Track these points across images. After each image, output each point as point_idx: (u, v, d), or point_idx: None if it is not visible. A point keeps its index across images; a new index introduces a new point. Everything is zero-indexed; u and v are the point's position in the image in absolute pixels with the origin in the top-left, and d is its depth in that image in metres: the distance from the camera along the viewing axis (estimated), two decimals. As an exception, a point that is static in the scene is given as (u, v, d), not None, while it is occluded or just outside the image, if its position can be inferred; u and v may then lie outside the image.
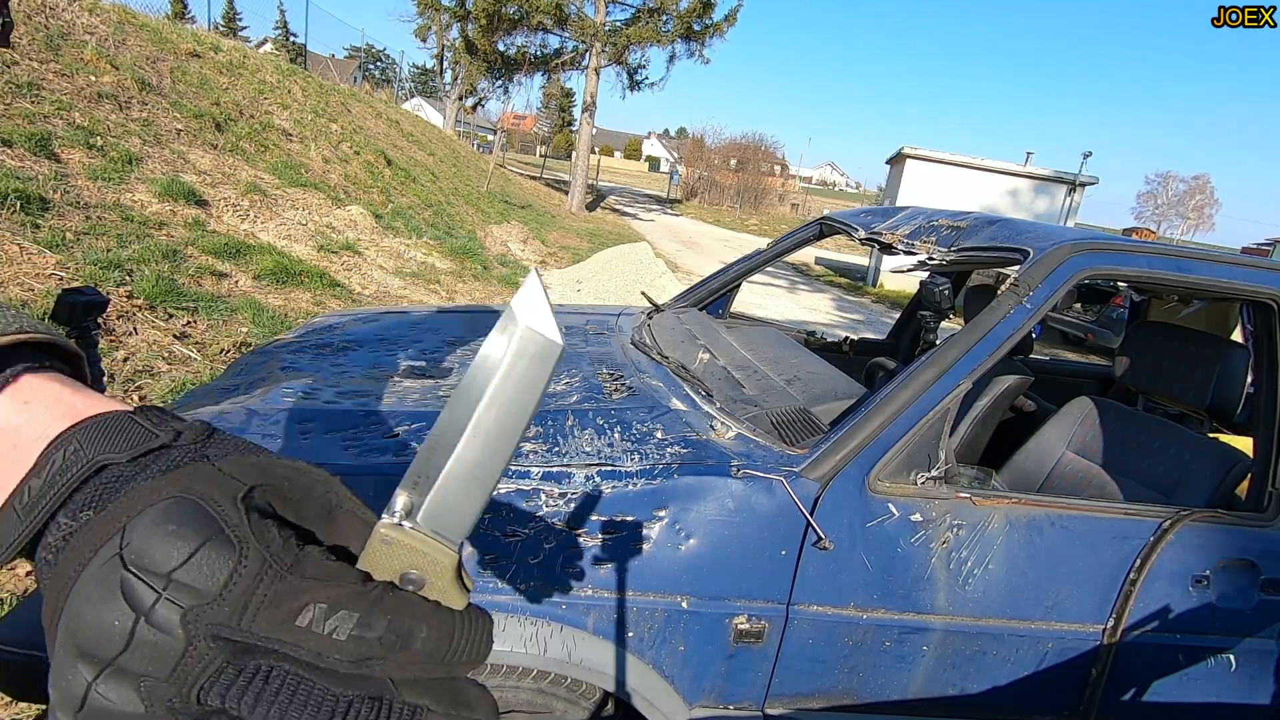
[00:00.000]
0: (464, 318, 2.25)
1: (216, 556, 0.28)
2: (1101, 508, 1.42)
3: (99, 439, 0.31)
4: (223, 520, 0.29)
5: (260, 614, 0.27)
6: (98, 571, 0.27)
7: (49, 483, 0.30)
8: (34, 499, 0.30)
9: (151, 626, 0.27)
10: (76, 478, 0.30)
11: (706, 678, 1.28)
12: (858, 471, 1.29)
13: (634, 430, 1.40)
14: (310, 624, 0.28)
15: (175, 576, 0.27)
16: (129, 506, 0.29)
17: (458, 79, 20.07)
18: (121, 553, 0.27)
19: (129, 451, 0.31)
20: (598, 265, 8.73)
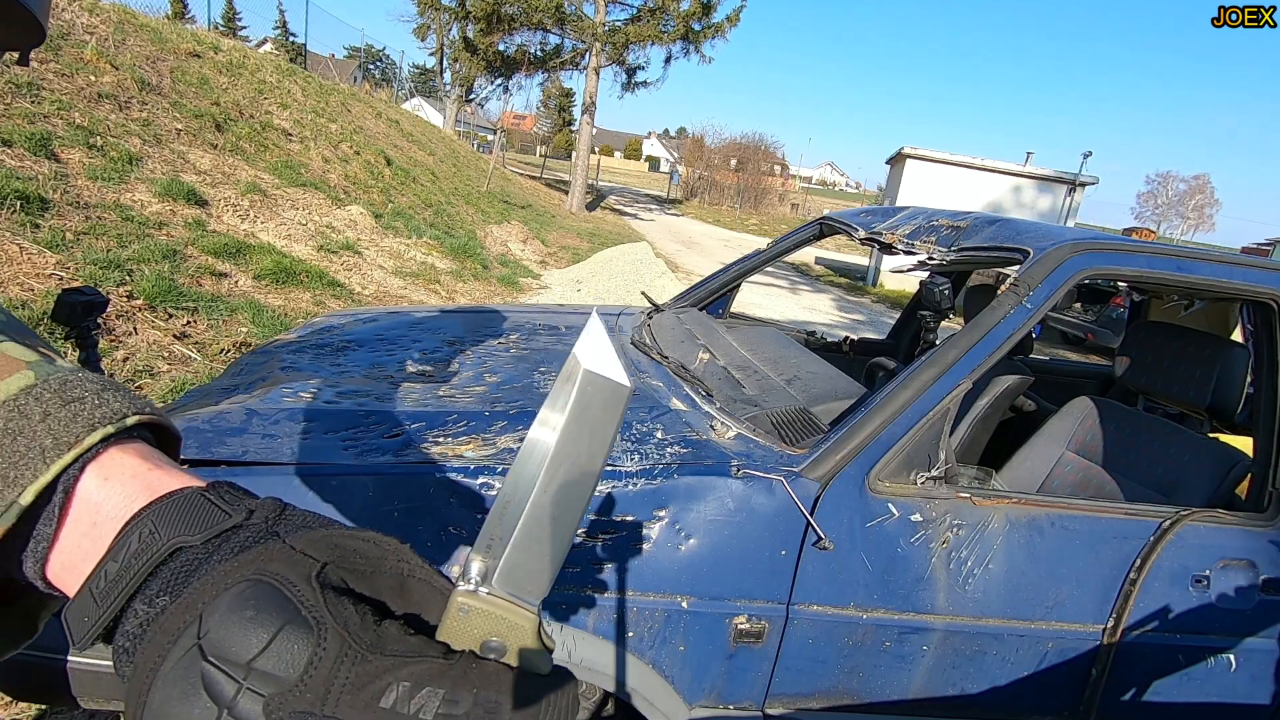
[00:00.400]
0: (464, 318, 2.25)
1: (295, 641, 0.27)
2: (1101, 508, 1.42)
3: (174, 520, 0.31)
4: (299, 602, 0.28)
5: (344, 698, 0.27)
6: (177, 665, 0.27)
7: (125, 567, 0.30)
8: (110, 584, 0.30)
9: (235, 719, 0.26)
10: (151, 562, 0.30)
11: (706, 678, 1.28)
12: (858, 471, 1.29)
13: (634, 430, 1.40)
14: (395, 704, 0.27)
15: (255, 665, 0.27)
16: (204, 592, 0.29)
17: (458, 79, 20.06)
18: (200, 643, 0.27)
19: (203, 533, 0.31)
20: (598, 265, 8.73)
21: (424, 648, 0.29)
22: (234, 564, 0.29)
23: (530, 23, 16.91)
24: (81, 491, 0.32)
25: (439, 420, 1.40)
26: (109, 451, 0.33)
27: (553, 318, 2.32)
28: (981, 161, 13.13)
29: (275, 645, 0.27)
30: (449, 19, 18.74)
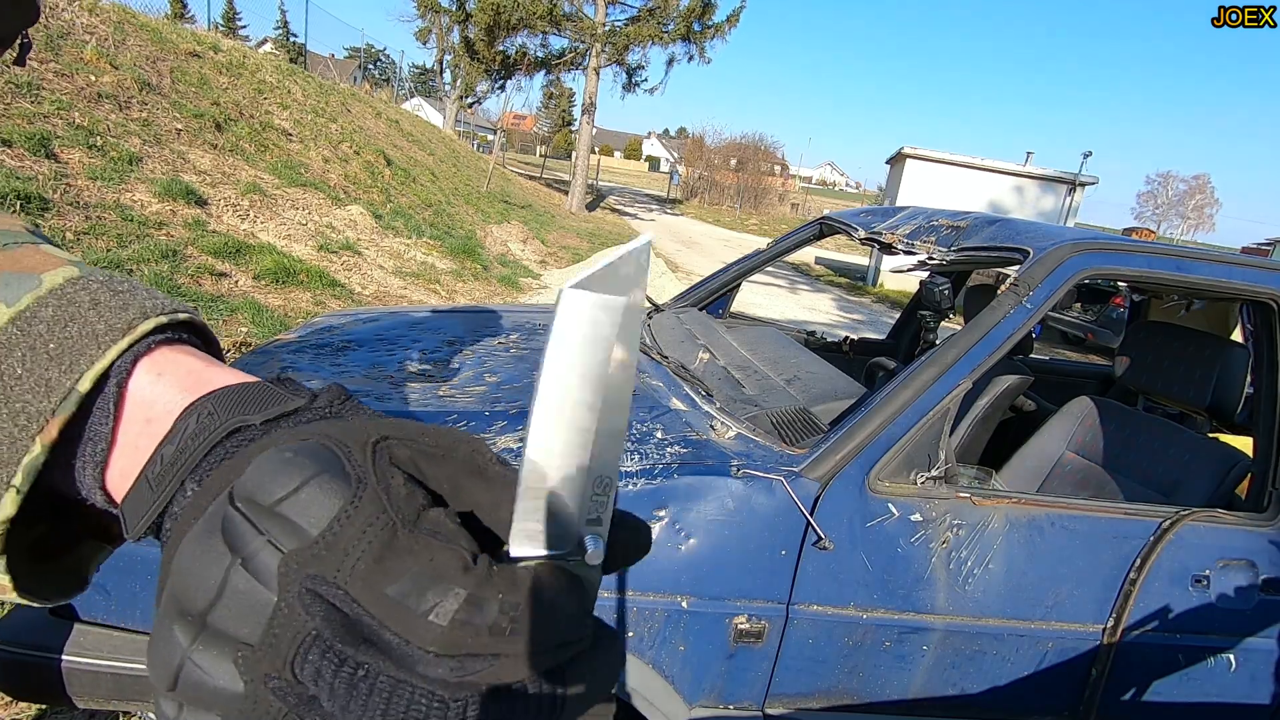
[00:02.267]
0: (464, 317, 2.25)
1: (329, 491, 0.23)
2: (1101, 508, 1.42)
3: (233, 404, 0.29)
4: (345, 457, 0.25)
5: (357, 568, 0.22)
6: (206, 518, 0.24)
7: (181, 449, 0.28)
8: (166, 467, 0.28)
9: (247, 573, 0.23)
10: (208, 441, 0.28)
11: (707, 678, 1.28)
12: (858, 471, 1.29)
13: (634, 430, 1.40)
14: (403, 597, 0.22)
15: (279, 510, 0.23)
16: (253, 453, 0.26)
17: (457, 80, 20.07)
18: (232, 489, 0.24)
19: (262, 414, 0.29)
20: (598, 265, 8.71)
21: (460, 537, 0.24)
22: (290, 434, 0.27)
23: (532, 25, 16.91)
24: (134, 387, 0.30)
25: (439, 420, 1.40)
26: (160, 349, 0.31)
27: (553, 318, 2.32)
28: (981, 161, 13.14)
29: (305, 491, 0.23)
30: (449, 21, 18.74)
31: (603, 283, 0.24)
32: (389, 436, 0.26)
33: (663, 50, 17.50)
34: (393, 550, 0.23)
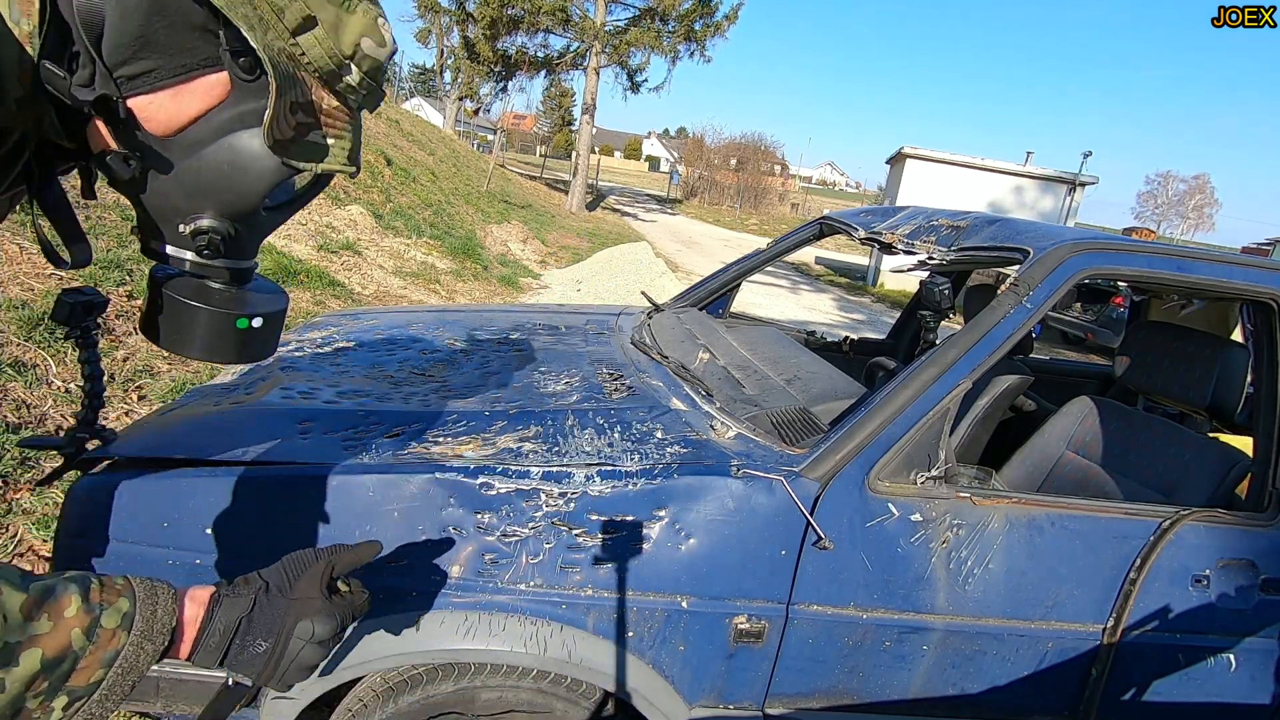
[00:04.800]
0: (464, 317, 2.25)
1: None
2: (1101, 507, 1.42)
3: (227, 609, 0.72)
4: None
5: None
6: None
7: (222, 638, 0.71)
8: (217, 644, 0.71)
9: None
10: (230, 631, 0.72)
11: (706, 677, 1.28)
12: (858, 471, 1.29)
13: (634, 430, 1.40)
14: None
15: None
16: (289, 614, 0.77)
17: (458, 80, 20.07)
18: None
19: (244, 611, 0.74)
20: (598, 265, 8.73)
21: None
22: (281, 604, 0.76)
23: (533, 25, 16.91)
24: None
25: (439, 420, 1.40)
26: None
27: (553, 318, 2.32)
28: (981, 161, 13.14)
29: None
30: (449, 21, 18.74)
31: None
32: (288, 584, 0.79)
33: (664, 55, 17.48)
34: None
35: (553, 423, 1.41)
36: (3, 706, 0.53)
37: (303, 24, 0.62)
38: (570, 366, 1.76)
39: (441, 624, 1.18)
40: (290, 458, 1.22)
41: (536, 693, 1.26)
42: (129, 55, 0.59)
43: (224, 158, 0.66)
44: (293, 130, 0.66)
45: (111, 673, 0.60)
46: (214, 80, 0.64)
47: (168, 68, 0.61)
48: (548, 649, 1.20)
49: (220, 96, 0.65)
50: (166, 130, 0.64)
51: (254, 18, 0.60)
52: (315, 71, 0.65)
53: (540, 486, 1.22)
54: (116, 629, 0.61)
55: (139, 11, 0.58)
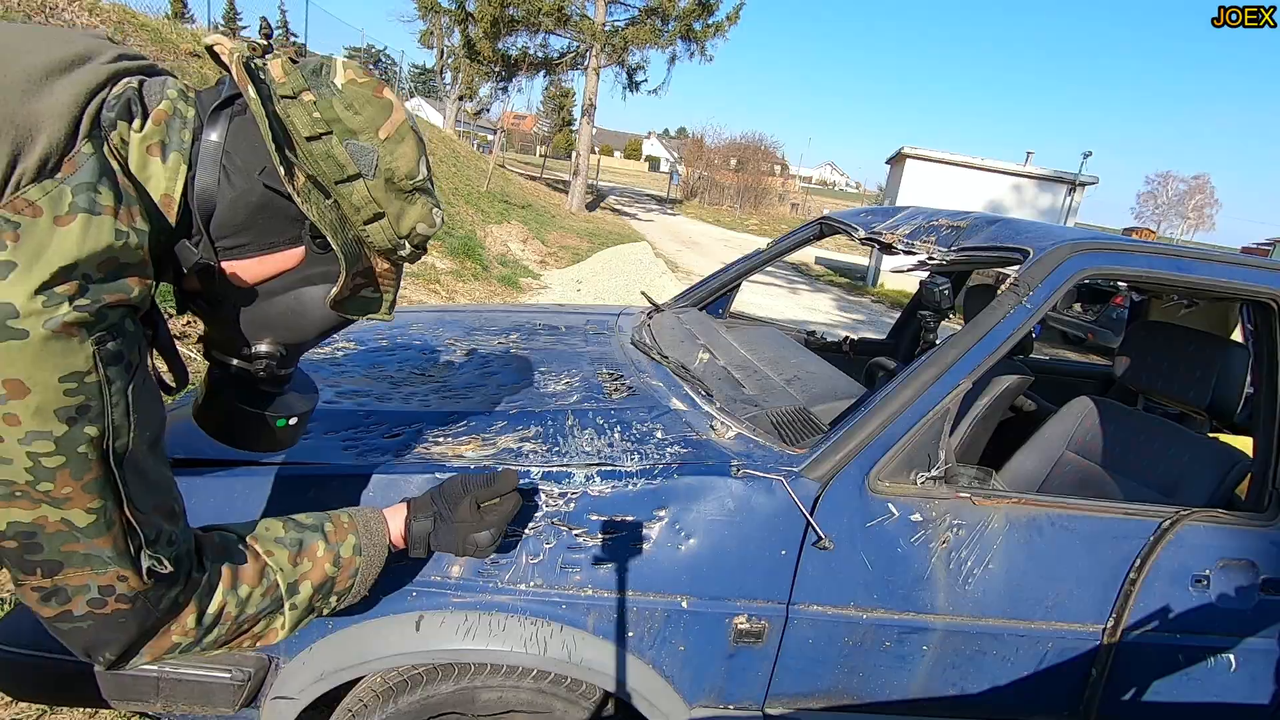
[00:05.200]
0: (464, 317, 2.25)
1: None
2: (1101, 508, 1.42)
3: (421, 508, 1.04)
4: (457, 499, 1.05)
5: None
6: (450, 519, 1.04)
7: (419, 533, 1.02)
8: (418, 536, 1.02)
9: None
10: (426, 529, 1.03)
11: (706, 678, 1.28)
12: (858, 471, 1.29)
13: (634, 430, 1.40)
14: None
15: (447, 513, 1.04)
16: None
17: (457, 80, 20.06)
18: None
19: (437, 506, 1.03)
20: (598, 265, 8.73)
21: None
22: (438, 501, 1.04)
23: (533, 25, 16.90)
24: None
25: (439, 420, 1.40)
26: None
27: (553, 318, 2.32)
28: (981, 161, 13.13)
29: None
30: (450, 22, 18.73)
31: None
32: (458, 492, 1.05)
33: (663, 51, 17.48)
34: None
35: (553, 423, 1.41)
36: (302, 610, 0.88)
37: (373, 218, 0.81)
38: (570, 366, 1.76)
39: (441, 624, 1.18)
40: (290, 458, 1.22)
41: (536, 693, 1.26)
42: (230, 233, 0.76)
43: (290, 306, 0.84)
44: (350, 292, 0.84)
45: (357, 580, 0.93)
46: (294, 253, 0.81)
47: (259, 243, 0.78)
48: (548, 649, 1.20)
49: (296, 263, 0.82)
50: (246, 285, 0.81)
51: (337, 221, 0.78)
52: (376, 249, 0.83)
53: (540, 486, 1.22)
54: (352, 556, 0.92)
55: (245, 208, 0.76)
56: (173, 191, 0.72)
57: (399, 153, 0.80)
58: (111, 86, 0.69)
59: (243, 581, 0.81)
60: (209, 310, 0.83)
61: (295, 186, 0.74)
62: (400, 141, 0.81)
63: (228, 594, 0.80)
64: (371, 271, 0.85)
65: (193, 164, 0.73)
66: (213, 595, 0.79)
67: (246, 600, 0.81)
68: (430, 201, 0.85)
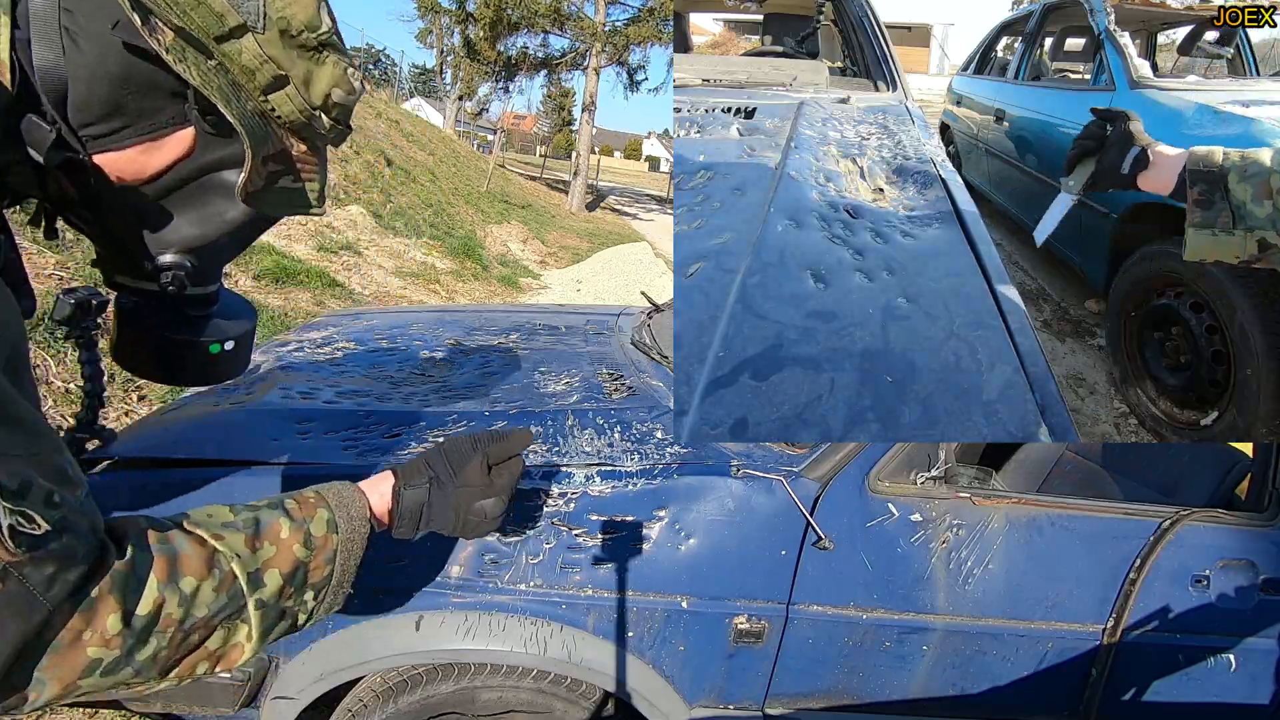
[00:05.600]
0: (464, 317, 2.25)
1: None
2: (1101, 508, 1.42)
3: (411, 478, 0.85)
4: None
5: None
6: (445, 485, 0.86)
7: (408, 509, 0.83)
8: (408, 515, 0.83)
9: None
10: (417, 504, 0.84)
11: (706, 677, 1.28)
12: (857, 471, 1.29)
13: (634, 430, 1.40)
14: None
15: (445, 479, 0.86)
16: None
17: (457, 80, 20.08)
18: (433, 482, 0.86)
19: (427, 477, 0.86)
20: (598, 265, 8.74)
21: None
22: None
23: (534, 24, 16.91)
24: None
25: (439, 420, 1.40)
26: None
27: (553, 318, 2.32)
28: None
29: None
30: (450, 22, 18.74)
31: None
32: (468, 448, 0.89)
33: (664, 49, 17.49)
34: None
35: (553, 423, 1.41)
36: (271, 611, 0.67)
37: (274, 83, 0.64)
38: (570, 366, 1.76)
39: (441, 624, 1.18)
40: (290, 458, 1.22)
41: (536, 693, 1.26)
42: (95, 118, 0.61)
43: (190, 202, 0.68)
44: (264, 181, 0.68)
45: (336, 565, 0.73)
46: (181, 136, 0.65)
47: (135, 128, 0.63)
48: (548, 649, 1.20)
49: (188, 150, 0.66)
50: (133, 180, 0.65)
51: (227, 87, 0.62)
52: (286, 125, 0.67)
53: (540, 487, 1.22)
54: (326, 534, 0.72)
55: (105, 80, 0.59)
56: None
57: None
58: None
59: (185, 572, 0.60)
60: (92, 221, 0.68)
61: (161, 42, 0.58)
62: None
63: (164, 588, 0.58)
64: (287, 155, 0.69)
65: (15, 19, 0.57)
66: (142, 590, 0.57)
67: (193, 597, 0.60)
68: (343, 60, 0.69)
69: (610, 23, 17.40)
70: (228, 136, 0.65)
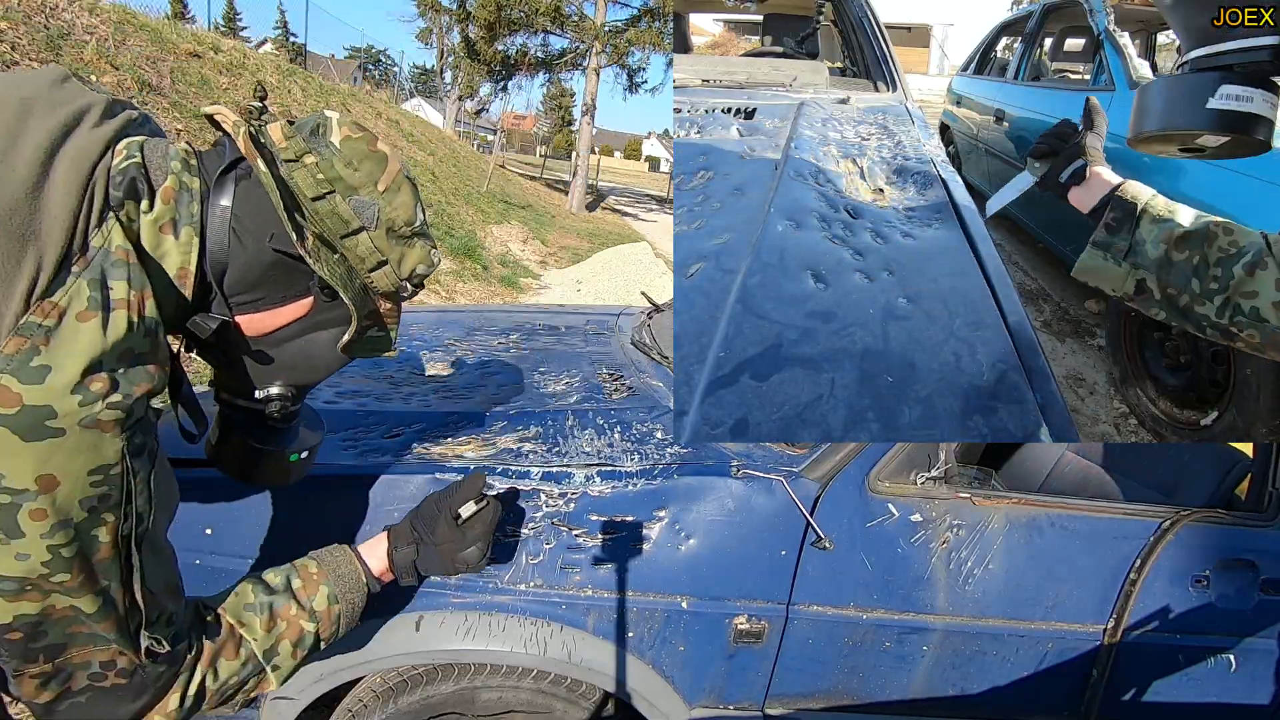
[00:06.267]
0: (464, 317, 2.25)
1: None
2: (1101, 508, 1.42)
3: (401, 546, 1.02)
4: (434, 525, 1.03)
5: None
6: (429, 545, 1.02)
7: (405, 565, 1.01)
8: (406, 570, 1.02)
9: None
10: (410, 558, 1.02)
11: (706, 678, 1.28)
12: (857, 471, 1.28)
13: (634, 430, 1.40)
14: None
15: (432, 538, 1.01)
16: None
17: (458, 80, 20.09)
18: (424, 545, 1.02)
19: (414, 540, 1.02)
20: (598, 265, 8.74)
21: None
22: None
23: (533, 24, 16.91)
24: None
25: (439, 420, 1.40)
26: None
27: (553, 318, 2.32)
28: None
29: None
30: (450, 21, 18.74)
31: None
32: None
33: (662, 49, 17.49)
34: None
35: (553, 423, 1.41)
36: (285, 667, 0.89)
37: (377, 265, 0.83)
38: (570, 367, 1.76)
39: (441, 624, 1.18)
40: (290, 458, 1.22)
41: (536, 693, 1.26)
42: (243, 290, 0.80)
43: (300, 350, 0.87)
44: (359, 335, 0.87)
45: (340, 624, 0.94)
46: (304, 303, 0.85)
47: (271, 298, 0.82)
48: (548, 649, 1.20)
49: (306, 312, 0.85)
50: (258, 335, 0.84)
51: (344, 274, 0.80)
52: (380, 293, 0.86)
53: (540, 487, 1.22)
54: (328, 606, 0.91)
55: (258, 269, 0.79)
56: (188, 264, 0.74)
57: (397, 202, 0.84)
58: (110, 153, 0.70)
59: (221, 656, 0.82)
60: (222, 358, 0.86)
61: (306, 248, 0.76)
62: (398, 191, 0.84)
63: (206, 671, 0.81)
64: (377, 313, 0.88)
65: (203, 232, 0.75)
66: (194, 673, 0.79)
67: (224, 675, 0.82)
68: (428, 244, 0.88)
69: (611, 23, 17.41)
70: (335, 300, 0.84)
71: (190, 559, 1.14)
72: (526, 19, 16.61)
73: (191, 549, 1.14)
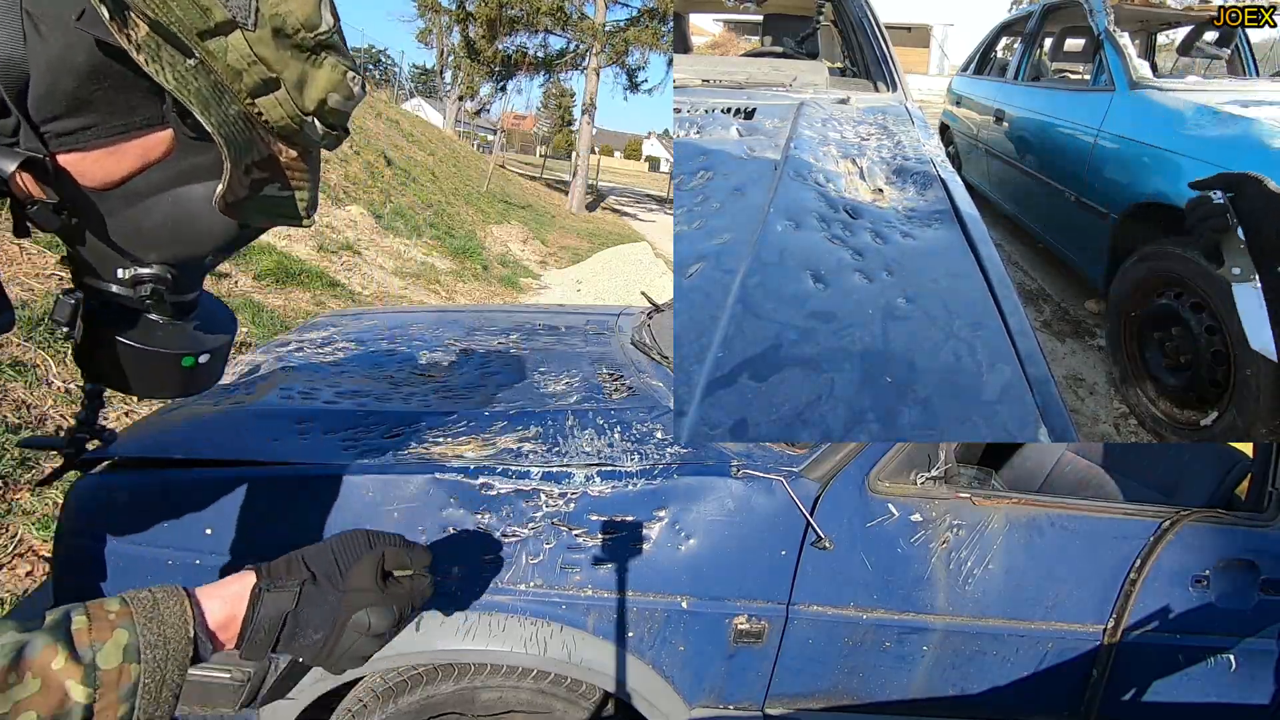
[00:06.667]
0: (464, 317, 2.25)
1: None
2: (1101, 508, 1.42)
3: (269, 606, 0.67)
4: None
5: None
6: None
7: (267, 630, 0.67)
8: (264, 636, 0.67)
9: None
10: (276, 625, 0.68)
11: (706, 678, 1.28)
12: (857, 471, 1.28)
13: (634, 430, 1.40)
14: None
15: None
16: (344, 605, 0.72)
17: (458, 80, 20.09)
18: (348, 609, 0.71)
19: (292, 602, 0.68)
20: (598, 265, 8.74)
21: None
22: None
23: (534, 23, 16.92)
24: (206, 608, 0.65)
25: (439, 420, 1.40)
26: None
27: (553, 318, 2.32)
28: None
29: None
30: (450, 21, 18.75)
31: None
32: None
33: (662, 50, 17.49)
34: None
35: (553, 423, 1.41)
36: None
37: (263, 86, 0.58)
38: (570, 367, 1.76)
39: (441, 624, 1.18)
40: (290, 458, 1.22)
41: (536, 693, 1.26)
42: (60, 113, 0.55)
43: (168, 212, 0.62)
44: (247, 190, 0.62)
45: (138, 701, 0.56)
46: (157, 139, 0.59)
47: (105, 126, 0.57)
48: (548, 649, 1.20)
49: (164, 153, 0.60)
50: (102, 185, 0.60)
51: (208, 91, 0.55)
52: (274, 130, 0.61)
53: (540, 487, 1.22)
54: (122, 664, 0.55)
55: (71, 74, 0.53)
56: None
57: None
58: None
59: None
60: (56, 229, 0.62)
61: (132, 38, 0.51)
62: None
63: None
64: (274, 161, 0.63)
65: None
66: None
67: None
68: (344, 63, 0.62)
69: (611, 23, 17.41)
70: (210, 141, 0.57)
71: (190, 559, 1.14)
72: (528, 17, 16.61)
73: (191, 549, 1.15)
